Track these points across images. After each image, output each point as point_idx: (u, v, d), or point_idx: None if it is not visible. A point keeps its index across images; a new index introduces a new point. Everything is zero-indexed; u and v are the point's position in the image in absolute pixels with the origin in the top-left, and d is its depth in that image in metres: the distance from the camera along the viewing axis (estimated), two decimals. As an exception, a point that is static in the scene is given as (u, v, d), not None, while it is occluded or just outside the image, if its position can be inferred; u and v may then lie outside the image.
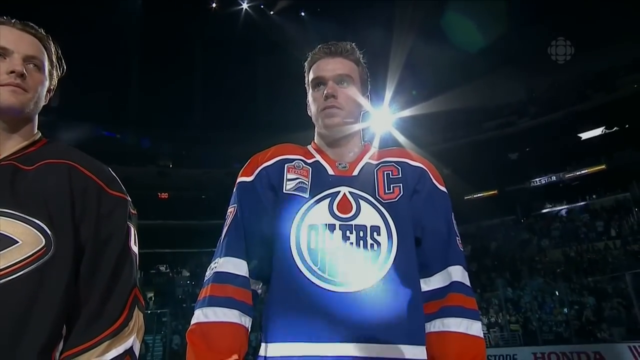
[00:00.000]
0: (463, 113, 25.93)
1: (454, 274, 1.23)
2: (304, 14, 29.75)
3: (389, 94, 15.33)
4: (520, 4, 23.24)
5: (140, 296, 1.14)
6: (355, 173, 1.31)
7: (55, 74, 1.23)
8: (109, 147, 25.32)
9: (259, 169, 1.31)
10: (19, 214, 1.01)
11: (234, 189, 1.32)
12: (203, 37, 30.64)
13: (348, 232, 1.19)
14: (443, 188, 1.35)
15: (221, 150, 27.62)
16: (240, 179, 1.33)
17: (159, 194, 27.80)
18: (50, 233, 1.02)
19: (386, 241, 1.19)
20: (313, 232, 1.19)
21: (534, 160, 24.63)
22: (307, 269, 1.15)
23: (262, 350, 1.15)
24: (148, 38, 28.79)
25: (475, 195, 25.16)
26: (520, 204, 24.00)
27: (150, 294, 21.74)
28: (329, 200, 1.24)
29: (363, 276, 1.14)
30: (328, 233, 1.18)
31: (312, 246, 1.17)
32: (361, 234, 1.19)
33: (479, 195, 25.38)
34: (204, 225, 22.30)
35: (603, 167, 22.02)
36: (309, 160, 1.34)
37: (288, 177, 1.28)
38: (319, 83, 1.33)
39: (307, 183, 1.28)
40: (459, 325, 1.17)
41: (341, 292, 1.12)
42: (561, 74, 22.20)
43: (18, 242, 0.99)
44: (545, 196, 23.71)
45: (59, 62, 1.24)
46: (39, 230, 1.01)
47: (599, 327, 12.47)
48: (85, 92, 23.16)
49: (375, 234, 1.19)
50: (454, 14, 24.01)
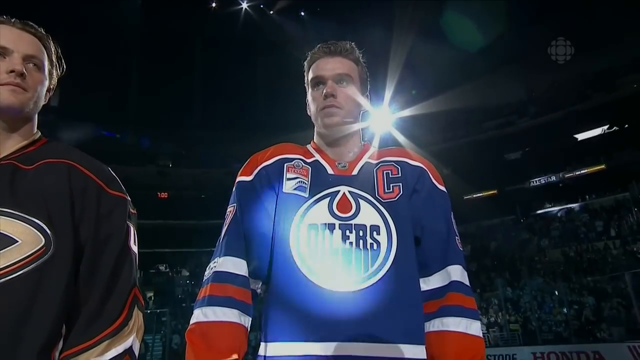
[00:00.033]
0: (463, 113, 25.91)
1: (453, 273, 1.23)
2: (303, 14, 29.75)
3: (388, 94, 15.33)
4: (520, 4, 23.25)
5: (139, 296, 1.14)
6: (355, 172, 1.31)
7: (55, 73, 1.23)
8: (108, 147, 25.33)
9: (259, 168, 1.31)
10: (18, 214, 1.01)
11: (233, 188, 1.32)
12: (203, 37, 30.65)
13: (348, 232, 1.19)
14: (442, 187, 1.35)
15: (221, 150, 27.61)
16: (239, 179, 1.32)
17: (158, 193, 27.76)
18: (49, 232, 1.02)
19: (386, 241, 1.19)
20: (313, 232, 1.19)
21: (534, 160, 24.62)
22: (307, 268, 1.15)
23: (262, 350, 1.14)
24: (148, 38, 28.81)
25: (475, 195, 25.14)
26: (519, 203, 23.97)
27: (150, 294, 21.72)
28: (328, 199, 1.24)
29: (363, 276, 1.14)
30: (328, 232, 1.18)
31: (312, 245, 1.17)
32: (361, 233, 1.19)
33: (479, 195, 25.36)
34: (204, 225, 22.29)
35: (602, 167, 22.00)
36: (309, 160, 1.33)
37: (288, 177, 1.28)
38: (318, 82, 1.33)
39: (307, 182, 1.28)
40: (458, 324, 1.17)
41: (341, 292, 1.12)
42: (561, 74, 22.18)
43: (17, 242, 0.98)
44: (544, 196, 23.69)
45: (59, 62, 1.24)
46: (38, 230, 1.01)
47: (599, 327, 12.48)
48: (85, 92, 23.21)
49: (374, 233, 1.19)
50: (453, 13, 24.01)
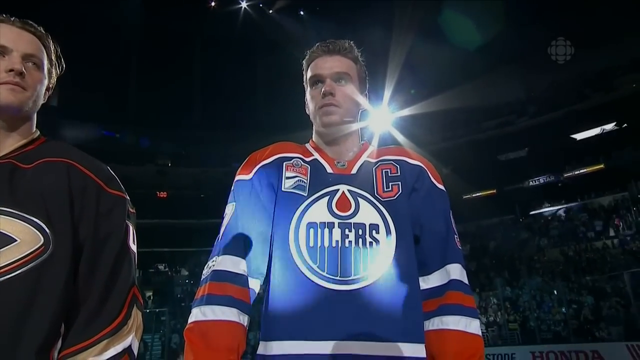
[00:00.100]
0: (462, 112, 25.91)
1: (452, 272, 1.23)
2: (303, 13, 29.71)
3: (388, 93, 15.29)
4: (520, 3, 23.22)
5: (139, 295, 1.13)
6: (354, 171, 1.31)
7: (54, 72, 1.23)
8: (108, 147, 25.39)
9: (257, 167, 1.30)
10: (17, 213, 1.00)
11: (232, 187, 1.32)
12: (202, 36, 30.63)
13: (347, 230, 1.19)
14: (441, 186, 1.35)
15: (220, 150, 27.60)
16: (238, 177, 1.32)
17: (157, 193, 27.72)
18: (48, 231, 1.02)
19: (385, 239, 1.19)
20: (312, 230, 1.19)
21: (533, 159, 24.61)
22: (306, 267, 1.15)
23: (261, 348, 1.15)
24: (147, 37, 28.77)
25: (474, 195, 25.13)
26: (519, 203, 23.97)
27: (149, 293, 21.73)
28: (327, 198, 1.24)
29: (362, 274, 1.14)
30: (327, 231, 1.18)
31: (311, 244, 1.17)
32: (360, 232, 1.19)
33: (478, 194, 25.35)
34: (203, 224, 22.27)
35: (601, 167, 22.00)
36: (308, 159, 1.33)
37: (287, 176, 1.28)
38: (317, 81, 1.33)
39: (306, 181, 1.27)
40: (458, 323, 1.18)
41: (340, 290, 1.12)
42: (560, 74, 22.16)
43: (16, 241, 0.98)
44: (543, 195, 23.69)
45: (58, 61, 1.24)
46: (37, 229, 1.01)
47: (597, 326, 12.50)
48: (85, 92, 23.17)
49: (374, 232, 1.19)
50: (453, 13, 24.00)
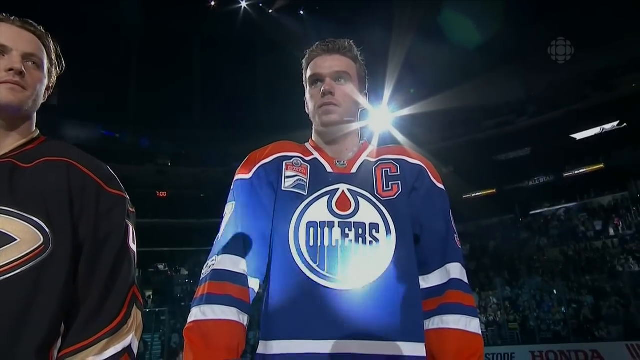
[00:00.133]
0: (462, 112, 25.89)
1: (452, 271, 1.23)
2: (302, 13, 29.69)
3: (387, 93, 15.28)
4: (519, 3, 23.21)
5: (138, 294, 1.13)
6: (354, 171, 1.31)
7: (54, 71, 1.23)
8: (108, 146, 25.38)
9: (257, 166, 1.30)
10: (17, 212, 1.00)
11: (232, 186, 1.31)
12: (202, 36, 30.61)
13: (347, 230, 1.18)
14: (441, 186, 1.35)
15: (220, 149, 27.57)
16: (238, 176, 1.32)
17: (157, 192, 27.70)
18: (48, 231, 1.02)
19: (385, 238, 1.19)
20: (312, 230, 1.19)
21: (533, 159, 24.62)
22: (306, 267, 1.15)
23: (261, 348, 1.14)
24: (146, 37, 28.76)
25: (474, 194, 25.11)
26: (518, 203, 23.94)
27: (149, 293, 21.71)
28: (327, 197, 1.24)
29: (362, 273, 1.14)
30: (327, 230, 1.18)
31: (311, 244, 1.17)
32: (360, 231, 1.19)
33: (478, 194, 25.34)
34: (203, 224, 22.26)
35: (601, 166, 22.01)
36: (308, 158, 1.33)
37: (287, 175, 1.28)
38: (316, 80, 1.33)
39: (306, 180, 1.27)
40: (458, 322, 1.18)
41: (340, 290, 1.12)
42: (560, 73, 22.15)
43: (16, 240, 0.98)
44: (543, 195, 23.68)
45: (58, 60, 1.23)
46: (37, 228, 1.01)
47: (597, 326, 12.50)
48: (84, 92, 23.12)
49: (374, 231, 1.19)
50: (453, 12, 23.99)
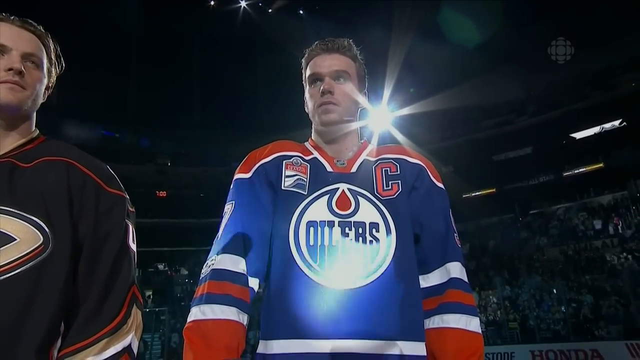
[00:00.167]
0: (461, 111, 25.90)
1: (452, 270, 1.23)
2: (302, 12, 29.68)
3: (387, 92, 15.28)
4: (519, 3, 23.21)
5: (138, 294, 1.13)
6: (354, 170, 1.31)
7: (54, 71, 1.22)
8: (107, 146, 25.39)
9: (257, 165, 1.30)
10: (16, 212, 1.00)
11: (231, 185, 1.31)
12: (201, 36, 30.59)
13: (347, 229, 1.18)
14: (441, 185, 1.35)
15: (219, 149, 27.58)
16: (237, 176, 1.31)
17: (157, 192, 27.73)
18: (48, 230, 1.01)
19: (385, 238, 1.19)
20: (312, 229, 1.18)
21: (532, 158, 24.63)
22: (306, 266, 1.14)
23: (261, 347, 1.14)
24: (146, 36, 28.76)
25: (473, 194, 25.13)
26: (518, 202, 23.95)
27: (149, 293, 21.70)
28: (327, 197, 1.23)
29: (362, 273, 1.14)
30: (327, 230, 1.18)
31: (311, 243, 1.17)
32: (360, 230, 1.18)
33: (478, 193, 25.36)
34: (203, 224, 22.29)
35: (601, 166, 22.02)
36: (307, 157, 1.33)
37: (286, 174, 1.28)
38: (315, 79, 1.32)
39: (306, 180, 1.27)
40: (458, 321, 1.18)
41: (340, 289, 1.12)
42: (560, 73, 22.18)
43: (15, 240, 0.98)
44: (543, 194, 23.70)
45: (58, 60, 1.23)
46: (36, 228, 1.01)
47: (597, 325, 12.50)
48: (84, 91, 23.11)
49: (374, 230, 1.19)
50: (452, 12, 23.98)
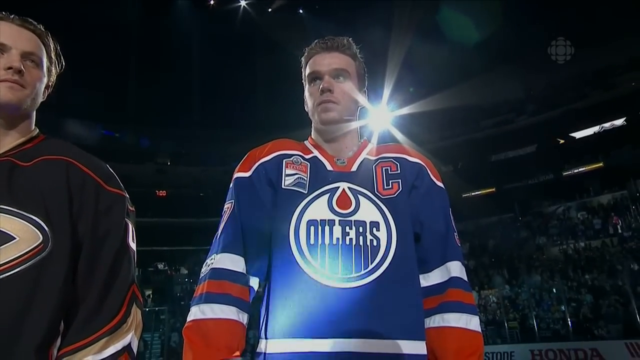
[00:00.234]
0: (461, 111, 25.90)
1: (452, 269, 1.23)
2: (302, 12, 29.69)
3: (387, 92, 15.27)
4: (518, 3, 23.22)
5: (138, 293, 1.13)
6: (354, 169, 1.31)
7: (54, 70, 1.22)
8: (107, 146, 25.37)
9: (257, 164, 1.30)
10: (16, 211, 1.00)
11: (231, 184, 1.31)
12: (201, 35, 30.58)
13: (347, 228, 1.18)
14: (441, 184, 1.35)
15: (219, 148, 27.57)
16: (237, 175, 1.31)
17: (157, 191, 27.72)
18: (47, 229, 1.01)
19: (385, 237, 1.19)
20: (312, 228, 1.18)
21: (532, 158, 24.64)
22: (307, 265, 1.14)
23: (261, 347, 1.14)
24: (146, 36, 28.74)
25: (473, 193, 25.12)
26: (518, 201, 23.95)
27: (149, 292, 21.67)
28: (328, 195, 1.23)
29: (362, 272, 1.14)
30: (327, 228, 1.18)
31: (312, 242, 1.16)
32: (360, 229, 1.18)
33: (477, 193, 25.35)
34: (202, 223, 22.28)
35: (600, 165, 22.03)
36: (307, 156, 1.33)
37: (286, 173, 1.27)
38: (315, 78, 1.32)
39: (306, 179, 1.27)
40: (459, 320, 1.18)
41: (341, 288, 1.12)
42: (559, 73, 22.18)
43: (15, 239, 0.98)
44: (543, 194, 23.70)
45: (58, 59, 1.23)
46: (36, 227, 1.01)
47: (597, 325, 12.49)
48: (84, 91, 23.11)
49: (374, 229, 1.19)
50: (452, 12, 23.98)
